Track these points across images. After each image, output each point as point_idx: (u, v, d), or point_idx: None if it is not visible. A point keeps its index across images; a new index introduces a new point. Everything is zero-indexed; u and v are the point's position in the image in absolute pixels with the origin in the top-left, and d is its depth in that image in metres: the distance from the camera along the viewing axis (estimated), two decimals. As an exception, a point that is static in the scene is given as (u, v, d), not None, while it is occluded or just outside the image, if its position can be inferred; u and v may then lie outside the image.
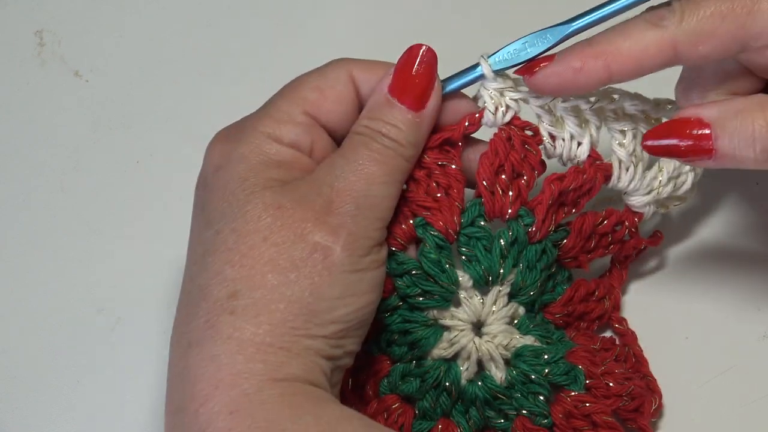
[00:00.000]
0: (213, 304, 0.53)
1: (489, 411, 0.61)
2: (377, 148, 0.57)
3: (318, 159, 0.58)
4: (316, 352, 0.54)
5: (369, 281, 0.56)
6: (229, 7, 0.80)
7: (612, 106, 0.61)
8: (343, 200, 0.55)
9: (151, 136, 0.75)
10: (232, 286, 0.53)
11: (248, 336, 0.52)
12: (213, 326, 0.53)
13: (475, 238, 0.61)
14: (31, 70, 0.78)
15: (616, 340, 0.65)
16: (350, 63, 0.59)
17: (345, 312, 0.54)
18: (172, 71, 0.78)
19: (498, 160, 0.60)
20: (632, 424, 0.62)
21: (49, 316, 0.70)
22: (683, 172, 0.63)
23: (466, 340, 0.61)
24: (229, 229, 0.54)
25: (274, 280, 0.53)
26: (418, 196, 0.60)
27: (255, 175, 0.56)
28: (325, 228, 0.54)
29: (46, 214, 0.73)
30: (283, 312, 0.53)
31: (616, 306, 0.66)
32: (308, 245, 0.54)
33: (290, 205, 0.55)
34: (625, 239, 0.64)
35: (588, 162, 0.61)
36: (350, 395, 0.62)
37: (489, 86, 0.60)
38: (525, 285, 0.61)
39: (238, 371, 0.52)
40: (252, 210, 0.54)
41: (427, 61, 0.58)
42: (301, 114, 0.58)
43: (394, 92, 0.58)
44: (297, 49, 0.77)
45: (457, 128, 0.60)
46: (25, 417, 0.68)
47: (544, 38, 0.59)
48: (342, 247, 0.54)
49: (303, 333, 0.53)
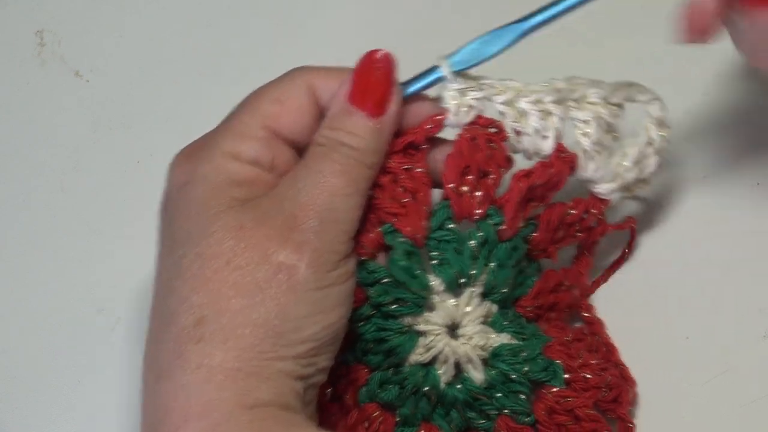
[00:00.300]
0: (180, 331, 0.53)
1: (470, 412, 0.61)
2: (339, 159, 0.56)
3: (281, 173, 0.57)
4: (287, 373, 0.53)
5: (338, 295, 0.55)
6: (229, 7, 0.80)
7: (574, 95, 0.61)
8: (306, 215, 0.54)
9: (151, 136, 0.75)
10: (198, 312, 0.53)
11: (217, 363, 0.52)
12: (181, 355, 0.52)
13: (444, 241, 0.60)
14: (31, 70, 0.78)
15: (584, 329, 0.65)
16: (309, 71, 0.59)
17: (315, 330, 0.54)
18: (172, 71, 0.78)
19: (463, 161, 0.59)
20: (611, 415, 0.62)
21: (49, 316, 0.70)
22: (647, 155, 0.63)
23: (442, 344, 0.60)
24: (193, 254, 0.54)
25: (239, 304, 0.53)
26: (385, 203, 0.59)
27: (217, 196, 0.55)
28: (289, 246, 0.54)
29: (46, 214, 0.73)
30: (250, 336, 0.52)
31: (584, 293, 0.65)
32: (272, 266, 0.53)
33: (252, 225, 0.54)
34: (592, 226, 0.64)
35: (554, 155, 0.61)
36: (330, 406, 0.61)
37: (450, 87, 0.60)
38: (497, 283, 0.61)
39: (208, 400, 0.51)
40: (215, 233, 0.54)
41: (384, 65, 0.57)
42: (260, 129, 0.57)
43: (352, 100, 0.57)
44: (297, 49, 0.77)
45: (420, 131, 0.59)
46: (25, 417, 0.68)
47: (501, 36, 0.59)
48: (307, 264, 0.54)
49: (272, 356, 0.52)
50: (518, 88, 0.60)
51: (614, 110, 0.62)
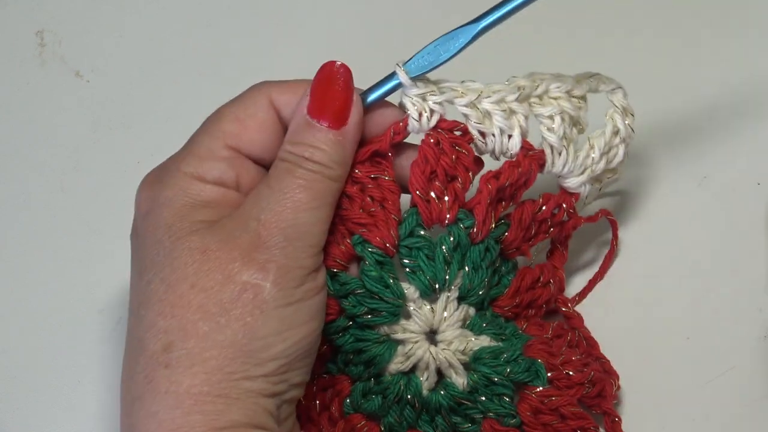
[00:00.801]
0: (149, 358, 0.53)
1: (455, 417, 0.61)
2: (302, 174, 0.56)
3: (246, 191, 0.57)
4: (257, 392, 0.53)
5: (307, 311, 0.55)
6: (229, 7, 0.80)
7: (537, 92, 0.61)
8: (270, 233, 0.54)
9: (151, 136, 0.75)
10: (165, 338, 0.53)
11: (184, 389, 0.52)
12: (151, 381, 0.52)
13: (416, 248, 0.60)
14: (31, 70, 0.78)
15: (564, 325, 0.65)
16: (269, 86, 0.58)
17: (284, 347, 0.54)
18: (172, 71, 0.78)
19: (429, 167, 0.59)
20: (597, 410, 0.62)
21: (49, 316, 0.70)
22: (614, 145, 0.63)
23: (421, 351, 0.60)
24: (158, 279, 0.54)
25: (205, 326, 0.52)
26: (353, 214, 0.59)
27: (180, 220, 0.55)
28: (253, 265, 0.53)
29: (46, 214, 0.73)
30: (217, 358, 0.52)
31: (561, 288, 0.65)
32: (237, 286, 0.53)
33: (216, 247, 0.54)
34: (564, 221, 0.63)
35: (521, 153, 0.60)
36: (318, 418, 0.61)
37: (409, 93, 0.59)
38: (473, 286, 0.60)
39: (177, 426, 0.51)
40: (179, 257, 0.54)
41: (342, 76, 0.57)
42: (222, 148, 0.57)
43: (312, 113, 0.57)
44: (297, 49, 0.77)
45: (384, 139, 0.59)
46: (25, 417, 0.68)
47: (455, 39, 0.58)
48: (272, 282, 0.53)
49: (241, 376, 0.52)
50: (479, 89, 0.60)
51: (577, 103, 0.61)
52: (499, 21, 0.58)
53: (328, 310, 0.58)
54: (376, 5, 0.79)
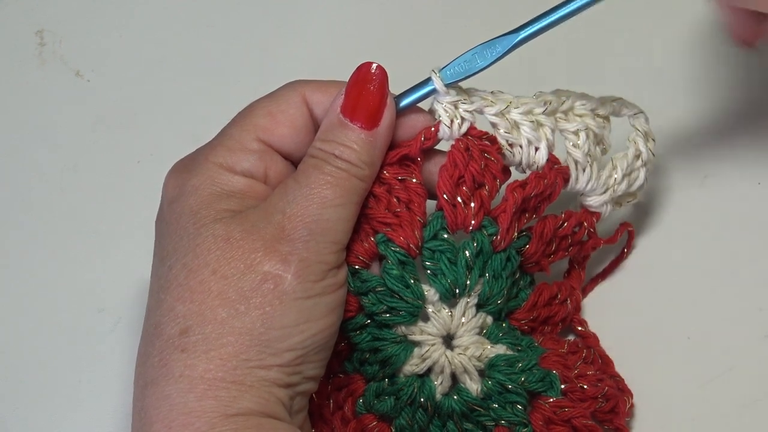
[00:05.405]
0: (166, 341, 0.53)
1: (467, 424, 0.61)
2: (330, 171, 0.56)
3: (274, 185, 0.58)
4: (271, 382, 0.53)
5: (326, 305, 0.55)
6: (229, 7, 0.80)
7: (563, 107, 0.61)
8: (294, 226, 0.55)
9: (151, 136, 0.75)
10: (183, 322, 0.53)
11: (199, 373, 0.52)
12: (165, 365, 0.53)
13: (438, 251, 0.60)
14: (31, 70, 0.78)
15: (579, 343, 0.65)
16: (303, 85, 0.59)
17: (301, 339, 0.54)
18: (172, 71, 0.78)
19: (457, 172, 0.60)
20: (609, 425, 0.62)
21: (49, 316, 0.70)
22: (635, 168, 0.64)
23: (437, 354, 0.60)
24: (180, 265, 0.54)
25: (223, 313, 0.53)
26: (379, 213, 0.59)
27: (206, 208, 0.55)
28: (275, 256, 0.54)
29: (46, 214, 0.73)
30: (234, 345, 0.53)
31: (577, 308, 0.66)
32: (258, 275, 0.53)
33: (239, 236, 0.54)
34: (583, 240, 0.64)
35: (547, 166, 0.61)
36: (331, 417, 0.61)
37: (442, 100, 0.60)
38: (492, 294, 0.61)
39: (190, 410, 0.52)
40: (202, 244, 0.54)
41: (378, 78, 0.58)
42: (253, 141, 0.58)
43: (346, 112, 0.57)
44: (297, 49, 0.77)
45: (414, 144, 0.60)
46: (25, 417, 0.68)
47: (493, 48, 0.59)
48: (293, 274, 0.54)
49: (256, 364, 0.53)
50: (509, 99, 0.61)
51: (601, 122, 0.62)
52: (541, 31, 0.59)
53: (347, 307, 0.58)
54: (376, 5, 0.79)
